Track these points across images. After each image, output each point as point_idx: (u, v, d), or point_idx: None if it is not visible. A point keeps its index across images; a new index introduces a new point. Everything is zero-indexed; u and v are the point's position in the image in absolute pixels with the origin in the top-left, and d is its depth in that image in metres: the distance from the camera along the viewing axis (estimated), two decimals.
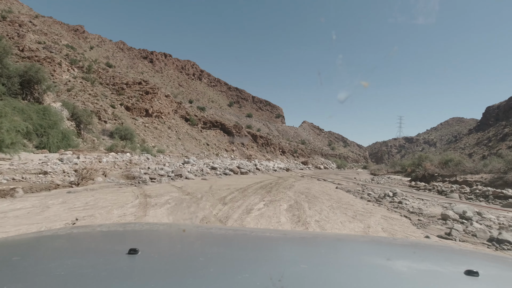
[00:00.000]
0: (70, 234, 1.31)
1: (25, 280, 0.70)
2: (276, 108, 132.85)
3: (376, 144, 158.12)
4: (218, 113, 76.21)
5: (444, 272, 0.94)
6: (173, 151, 27.29)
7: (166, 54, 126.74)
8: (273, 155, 53.75)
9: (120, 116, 27.07)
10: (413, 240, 3.50)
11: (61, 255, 0.99)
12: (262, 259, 0.99)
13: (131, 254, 0.86)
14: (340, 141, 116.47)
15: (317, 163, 38.34)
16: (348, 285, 0.76)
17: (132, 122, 27.82)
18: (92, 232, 1.37)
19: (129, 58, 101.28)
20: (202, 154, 31.93)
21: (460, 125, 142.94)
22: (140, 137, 25.74)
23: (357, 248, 1.34)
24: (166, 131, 31.39)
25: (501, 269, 1.07)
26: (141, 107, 30.61)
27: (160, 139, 28.68)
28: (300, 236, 1.71)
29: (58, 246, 1.14)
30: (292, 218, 5.81)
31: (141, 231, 1.46)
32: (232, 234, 1.50)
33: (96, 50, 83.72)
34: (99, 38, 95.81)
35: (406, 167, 23.46)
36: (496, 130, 51.75)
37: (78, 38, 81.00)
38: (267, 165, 27.95)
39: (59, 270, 0.75)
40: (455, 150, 59.48)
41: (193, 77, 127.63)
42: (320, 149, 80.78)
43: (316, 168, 35.05)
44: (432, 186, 13.06)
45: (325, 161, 42.05)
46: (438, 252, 1.34)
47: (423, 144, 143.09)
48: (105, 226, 1.52)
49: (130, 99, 31.00)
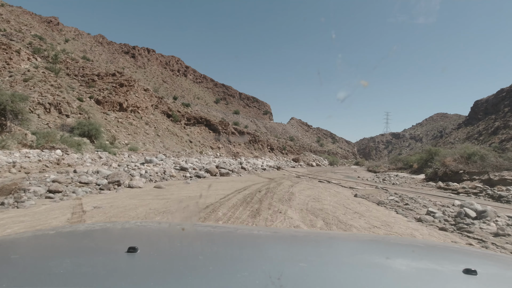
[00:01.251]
0: (69, 233, 1.29)
1: (24, 279, 0.69)
2: (264, 105, 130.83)
3: (364, 140, 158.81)
4: (204, 110, 73.21)
5: (442, 270, 0.94)
6: (149, 149, 24.35)
7: (149, 49, 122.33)
8: (261, 152, 51.34)
9: (88, 110, 23.86)
10: (412, 239, 3.35)
11: (60, 253, 0.98)
12: (261, 257, 1.00)
13: (130, 252, 0.85)
14: (329, 138, 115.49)
15: (308, 160, 36.13)
16: (347, 283, 0.76)
17: (103, 117, 24.65)
18: (91, 230, 1.34)
19: (109, 53, 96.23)
20: (183, 152, 29.07)
21: (444, 120, 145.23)
22: (111, 133, 22.66)
23: (356, 247, 1.33)
24: (143, 127, 28.32)
25: (499, 267, 1.06)
26: (114, 100, 27.38)
27: (135, 136, 25.64)
28: (299, 235, 1.65)
29: (57, 245, 1.13)
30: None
31: (140, 230, 1.44)
32: (231, 232, 1.49)
33: (72, 43, 78.53)
34: (75, 31, 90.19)
35: (411, 163, 21.43)
36: (486, 124, 51.26)
37: (52, 30, 75.65)
38: (255, 163, 24.75)
39: (58, 269, 0.74)
40: (444, 144, 58.90)
41: (178, 73, 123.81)
42: (309, 145, 79.13)
43: (308, 166, 32.80)
44: (477, 189, 9.93)
45: (317, 157, 39.95)
46: (436, 251, 1.34)
47: (410, 140, 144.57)
48: (104, 224, 1.48)
49: (102, 91, 27.72)
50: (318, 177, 17.47)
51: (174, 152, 26.80)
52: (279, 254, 1.10)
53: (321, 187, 11.03)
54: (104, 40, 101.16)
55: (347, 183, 13.52)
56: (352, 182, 14.19)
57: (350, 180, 15.79)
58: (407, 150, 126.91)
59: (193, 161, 17.27)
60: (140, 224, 1.65)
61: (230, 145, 50.20)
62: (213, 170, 14.02)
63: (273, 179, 13.92)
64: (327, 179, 15.18)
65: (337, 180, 14.93)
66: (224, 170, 14.50)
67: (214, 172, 13.97)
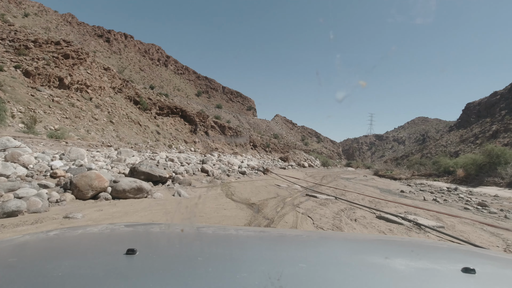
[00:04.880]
0: (67, 235, 1.26)
1: (22, 282, 0.69)
2: (248, 100, 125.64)
3: (348, 141, 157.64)
4: (183, 102, 66.76)
5: (441, 269, 0.94)
6: (94, 138, 18.22)
7: (127, 35, 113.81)
8: (243, 149, 45.85)
9: (7, 82, 17.36)
10: (411, 238, 3.36)
11: (58, 256, 0.96)
12: (261, 258, 0.98)
13: (129, 254, 0.84)
14: (314, 137, 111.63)
15: (299, 160, 30.97)
16: (347, 283, 0.76)
17: (29, 92, 18.17)
18: (89, 232, 1.32)
19: (78, 34, 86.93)
20: (144, 144, 23.04)
21: (425, 124, 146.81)
22: (34, 114, 16.33)
23: (355, 247, 1.32)
24: (90, 111, 21.98)
25: (498, 266, 1.06)
26: (51, 73, 20.80)
27: (76, 120, 19.35)
28: (298, 235, 1.61)
29: (55, 247, 1.10)
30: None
31: (139, 231, 1.42)
32: (230, 233, 1.48)
33: (33, 19, 69.06)
34: (39, 6, 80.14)
35: (452, 168, 16.13)
36: (481, 127, 48.59)
37: (8, 2, 65.83)
38: (232, 162, 15.87)
39: (56, 271, 0.73)
40: (436, 147, 56.15)
41: (157, 62, 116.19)
42: (293, 144, 74.66)
43: (300, 166, 27.54)
44: None
45: (308, 157, 34.87)
46: (435, 250, 1.33)
47: (393, 142, 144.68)
48: (103, 226, 1.45)
49: (36, 61, 21.07)
50: (341, 191, 10.20)
51: (130, 144, 20.75)
52: (278, 255, 1.08)
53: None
54: (74, 20, 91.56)
55: (388, 207, 7.09)
56: (399, 205, 7.65)
57: (392, 198, 9.25)
58: (390, 153, 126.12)
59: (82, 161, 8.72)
60: (139, 225, 1.56)
61: (209, 139, 44.53)
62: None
63: (258, 208, 5.82)
64: (366, 206, 7.15)
65: (394, 203, 7.97)
66: (125, 188, 5.51)
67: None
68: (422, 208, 7.31)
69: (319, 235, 1.77)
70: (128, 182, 5.62)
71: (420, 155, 51.64)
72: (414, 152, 61.68)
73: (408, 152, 68.02)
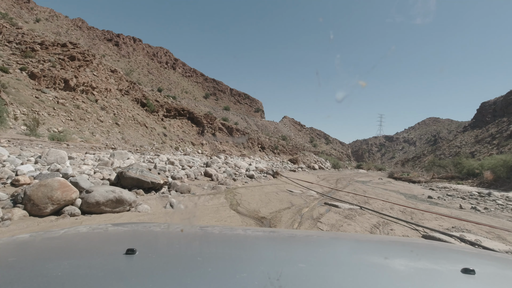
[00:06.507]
0: (66, 235, 1.25)
1: (22, 282, 0.69)
2: (256, 102, 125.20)
3: (357, 142, 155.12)
4: (191, 104, 66.65)
5: (441, 270, 0.94)
6: (99, 140, 17.87)
7: (136, 39, 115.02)
8: (251, 151, 45.22)
9: (11, 84, 17.17)
10: (411, 239, 3.24)
11: (58, 255, 0.96)
12: (260, 258, 0.98)
13: (128, 254, 0.84)
14: (322, 138, 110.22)
15: (309, 162, 30.12)
16: (346, 284, 0.76)
17: (33, 94, 17.96)
18: (89, 232, 1.31)
19: (88, 38, 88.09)
20: (150, 146, 22.63)
21: (436, 125, 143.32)
22: (39, 116, 16.06)
23: (355, 247, 1.31)
24: (96, 113, 21.71)
25: (497, 267, 1.05)
26: (56, 75, 20.62)
27: (81, 122, 19.06)
28: (298, 235, 1.59)
29: (55, 247, 1.09)
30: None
31: (139, 231, 1.40)
32: (230, 233, 1.46)
33: (44, 24, 70.25)
34: (51, 12, 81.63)
35: (477, 170, 14.91)
36: (498, 127, 46.64)
37: (20, 8, 67.19)
38: (239, 164, 14.60)
39: (56, 271, 0.73)
40: (450, 148, 54.35)
41: (166, 65, 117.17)
42: (302, 145, 73.60)
43: (310, 168, 26.72)
44: None
45: (319, 159, 33.99)
46: (435, 250, 1.32)
47: (403, 143, 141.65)
48: (102, 227, 1.43)
49: (42, 63, 20.94)
50: (363, 198, 8.92)
51: (135, 146, 20.34)
52: (278, 255, 1.08)
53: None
54: (84, 25, 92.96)
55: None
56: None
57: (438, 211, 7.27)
58: (401, 154, 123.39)
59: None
60: (139, 225, 1.54)
61: (216, 141, 44.04)
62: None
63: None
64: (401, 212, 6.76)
65: (431, 213, 6.95)
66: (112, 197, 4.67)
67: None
68: (467, 220, 6.07)
69: (318, 235, 1.77)
70: (104, 192, 4.44)
71: (432, 156, 49.81)
72: (426, 153, 59.90)
73: (420, 153, 66.15)
